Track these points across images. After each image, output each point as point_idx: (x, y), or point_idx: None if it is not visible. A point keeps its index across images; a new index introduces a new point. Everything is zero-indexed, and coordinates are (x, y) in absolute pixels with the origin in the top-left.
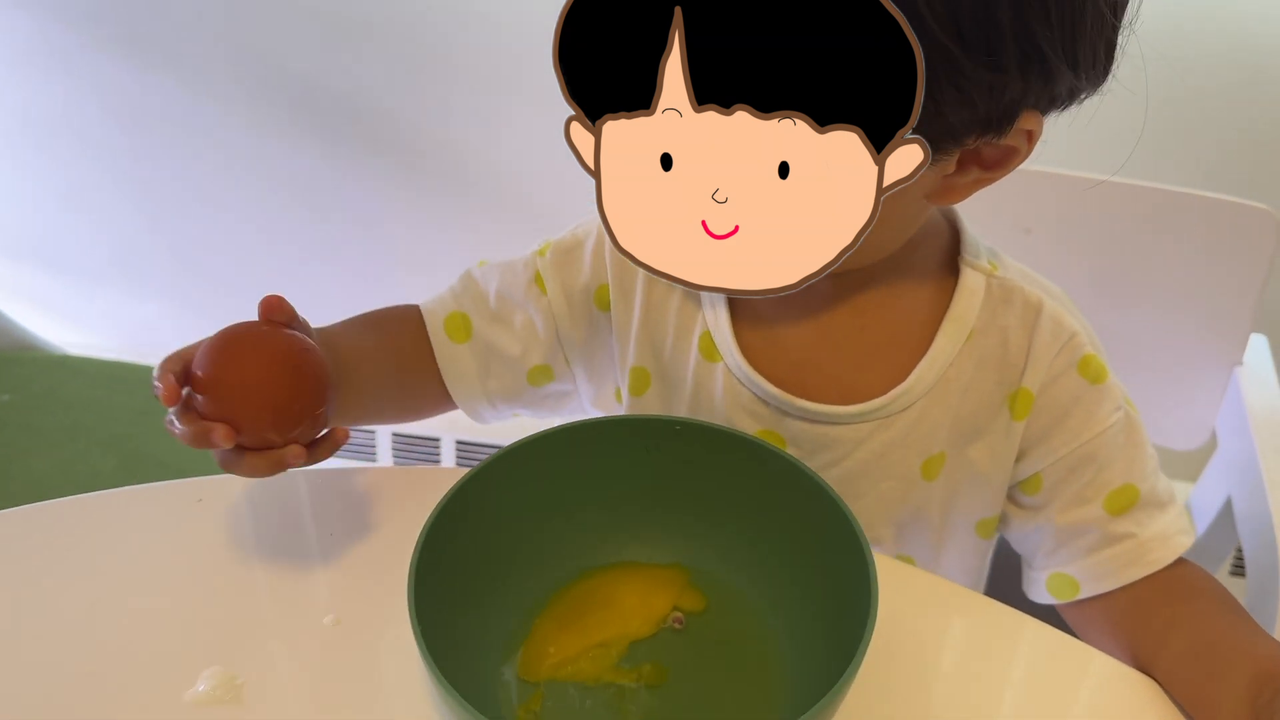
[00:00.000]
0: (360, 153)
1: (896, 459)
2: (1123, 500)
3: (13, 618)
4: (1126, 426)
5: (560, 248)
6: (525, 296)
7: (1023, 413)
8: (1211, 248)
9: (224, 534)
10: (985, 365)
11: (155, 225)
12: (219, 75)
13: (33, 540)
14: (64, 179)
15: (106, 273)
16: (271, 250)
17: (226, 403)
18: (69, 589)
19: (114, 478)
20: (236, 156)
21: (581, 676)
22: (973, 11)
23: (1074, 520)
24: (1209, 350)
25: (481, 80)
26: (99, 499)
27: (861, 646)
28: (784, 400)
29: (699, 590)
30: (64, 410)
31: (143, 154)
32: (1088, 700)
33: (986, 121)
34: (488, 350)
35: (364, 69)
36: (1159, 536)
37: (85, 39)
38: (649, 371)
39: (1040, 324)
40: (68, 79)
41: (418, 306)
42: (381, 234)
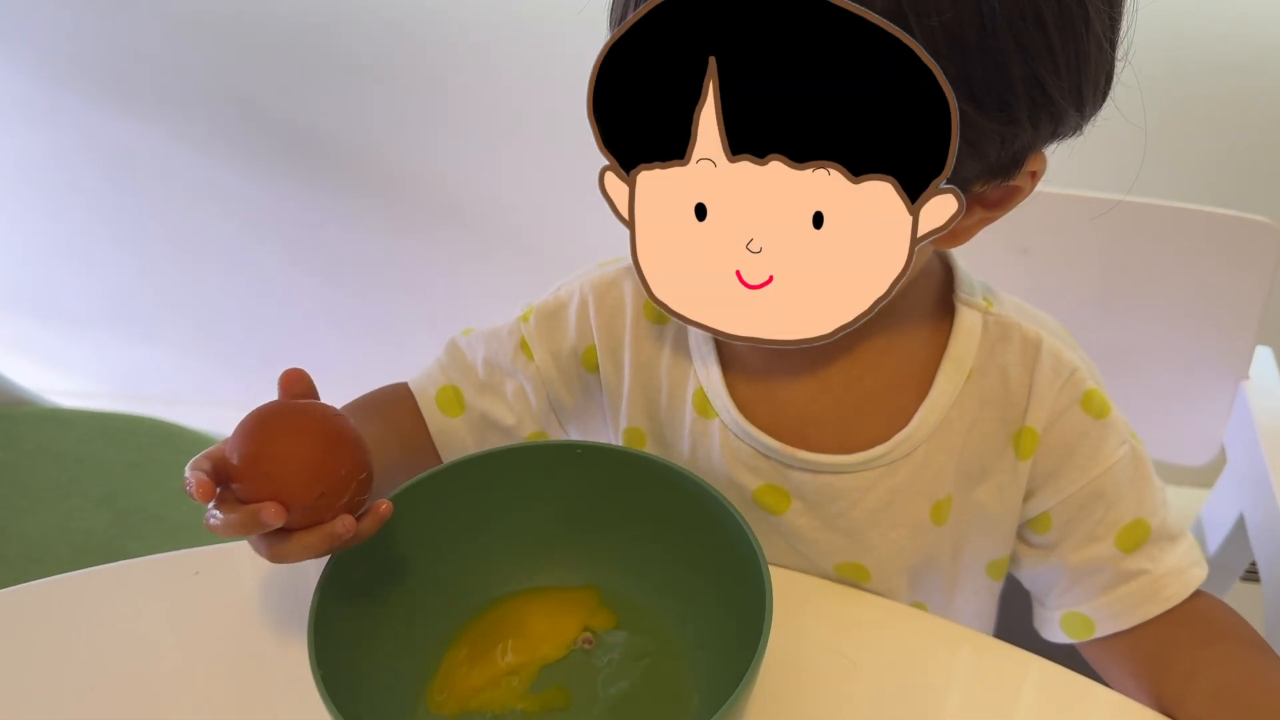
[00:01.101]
0: (346, 194)
1: (904, 505)
2: (1134, 536)
3: (10, 701)
4: (1133, 460)
5: (543, 312)
6: (513, 365)
7: (1028, 452)
8: (1213, 262)
9: (224, 607)
10: (987, 405)
11: (142, 270)
12: (204, 121)
13: (27, 620)
14: (50, 226)
15: (94, 319)
16: (260, 294)
17: (272, 480)
18: (67, 668)
19: (108, 534)
20: (223, 201)
21: (492, 706)
22: (984, 69)
23: (1086, 559)
24: (1214, 365)
25: (468, 118)
26: (94, 575)
27: (759, 651)
28: (784, 453)
29: (609, 609)
30: (57, 466)
31: (128, 200)
32: None
33: (995, 169)
34: (483, 421)
35: (348, 110)
36: (1173, 572)
37: (72, 88)
38: (644, 432)
39: (1040, 360)
40: (54, 128)
41: (407, 384)
42: (370, 275)
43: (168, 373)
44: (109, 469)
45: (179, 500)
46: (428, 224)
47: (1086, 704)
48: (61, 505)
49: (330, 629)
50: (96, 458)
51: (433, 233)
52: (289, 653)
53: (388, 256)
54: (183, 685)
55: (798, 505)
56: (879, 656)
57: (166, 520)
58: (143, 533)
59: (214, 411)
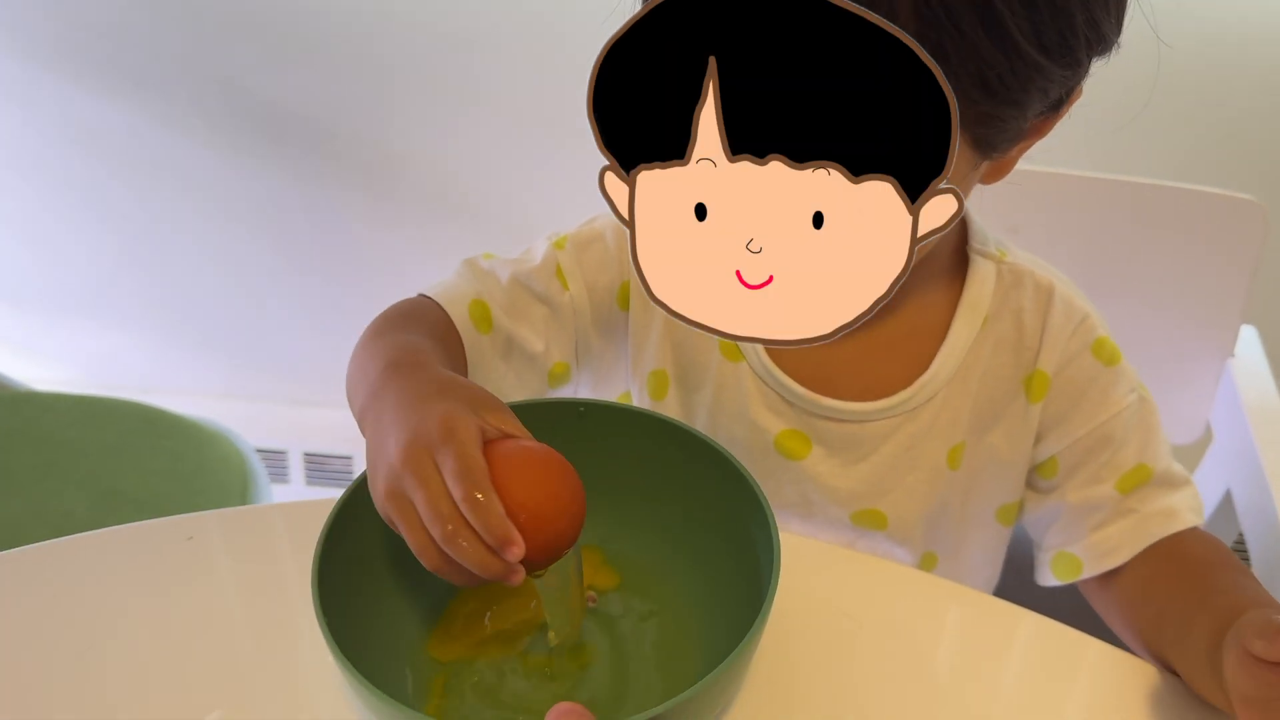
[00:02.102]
0: (327, 180)
1: (923, 450)
2: (1134, 479)
3: (4, 667)
4: (1141, 409)
5: (579, 240)
6: (546, 290)
7: (1039, 395)
8: (1200, 241)
9: (218, 571)
10: (1001, 349)
11: (116, 256)
12: (180, 104)
13: (20, 586)
14: (22, 209)
15: (67, 305)
16: (238, 281)
17: (542, 531)
18: (61, 634)
19: (87, 517)
20: (201, 185)
21: (491, 656)
22: (1053, 20)
23: (1085, 499)
24: (1201, 343)
25: (453, 102)
26: (87, 540)
27: (764, 609)
28: (809, 400)
29: (612, 568)
30: (34, 449)
31: (103, 183)
32: (1086, 690)
33: (1055, 104)
34: (508, 345)
35: (330, 94)
36: (1162, 512)
37: (46, 70)
38: (669, 375)
39: (1053, 305)
40: (20, 107)
41: (426, 296)
42: (348, 259)
43: (142, 361)
44: (87, 452)
45: (159, 483)
46: (410, 211)
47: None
48: (38, 487)
49: (333, 578)
50: (75, 441)
51: (415, 219)
52: (286, 616)
53: (368, 243)
54: (178, 647)
55: (819, 451)
56: (884, 617)
57: (146, 504)
58: (122, 515)
59: (189, 400)
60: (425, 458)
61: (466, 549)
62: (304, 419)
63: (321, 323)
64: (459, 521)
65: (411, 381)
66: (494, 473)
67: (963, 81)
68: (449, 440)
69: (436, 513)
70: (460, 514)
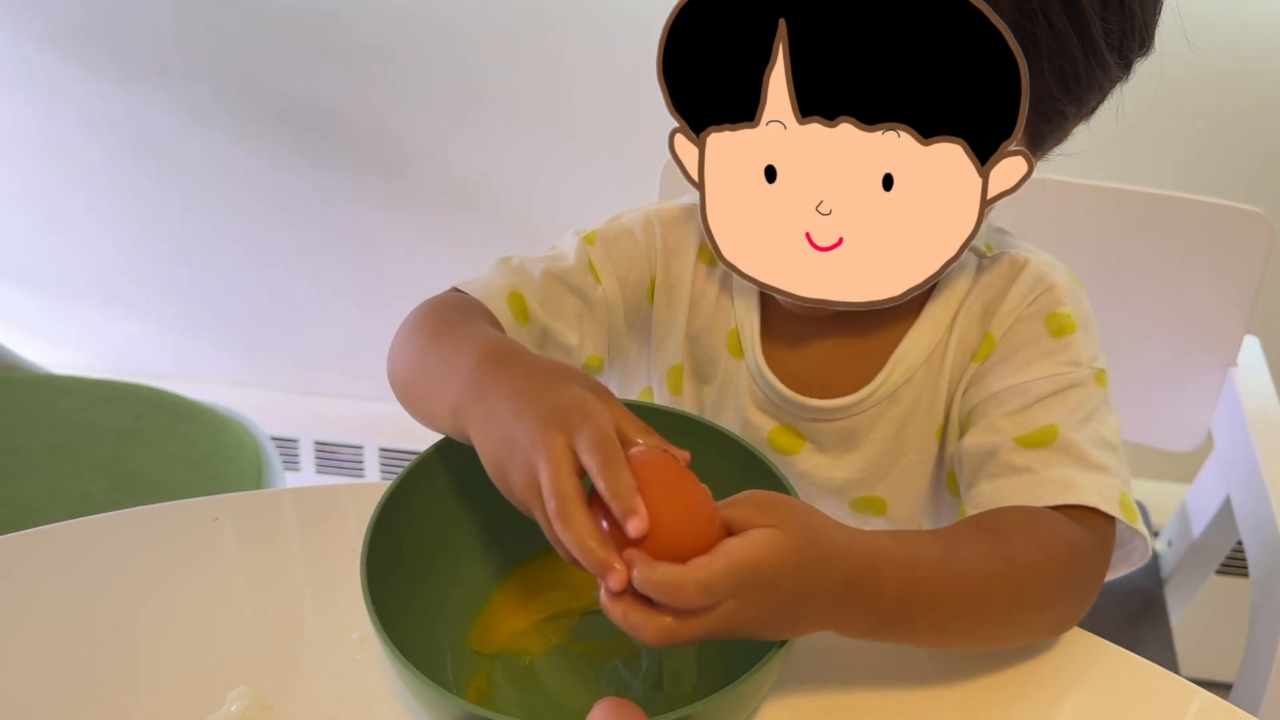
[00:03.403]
0: (342, 168)
1: (911, 434)
2: (1038, 438)
3: (33, 643)
4: (1081, 388)
5: (607, 236)
6: (580, 284)
7: (982, 355)
8: (1205, 251)
9: (243, 552)
10: (970, 322)
11: (135, 243)
12: (200, 92)
13: (48, 563)
14: (42, 197)
15: (86, 291)
16: (256, 271)
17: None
18: (88, 611)
19: (104, 499)
20: (217, 174)
21: (532, 649)
22: (1120, 21)
23: (980, 444)
24: (1204, 353)
25: (473, 98)
26: (113, 519)
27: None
28: (794, 401)
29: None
30: (51, 432)
31: (122, 171)
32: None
33: (1089, 111)
34: (544, 337)
35: (346, 85)
36: (1061, 481)
37: (66, 57)
38: (685, 369)
39: (1020, 277)
40: (45, 96)
41: (460, 290)
42: (366, 247)
43: (158, 347)
44: (104, 435)
45: (174, 467)
46: (429, 204)
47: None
48: (55, 470)
49: (379, 567)
50: (92, 424)
51: (433, 213)
52: (308, 595)
53: (386, 235)
54: (201, 627)
55: (810, 446)
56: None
57: (163, 487)
58: (139, 499)
59: (203, 387)
60: (560, 440)
61: (575, 527)
62: (316, 408)
63: (335, 314)
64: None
65: (519, 367)
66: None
67: (1046, 76)
68: (586, 421)
69: (556, 488)
70: (576, 496)
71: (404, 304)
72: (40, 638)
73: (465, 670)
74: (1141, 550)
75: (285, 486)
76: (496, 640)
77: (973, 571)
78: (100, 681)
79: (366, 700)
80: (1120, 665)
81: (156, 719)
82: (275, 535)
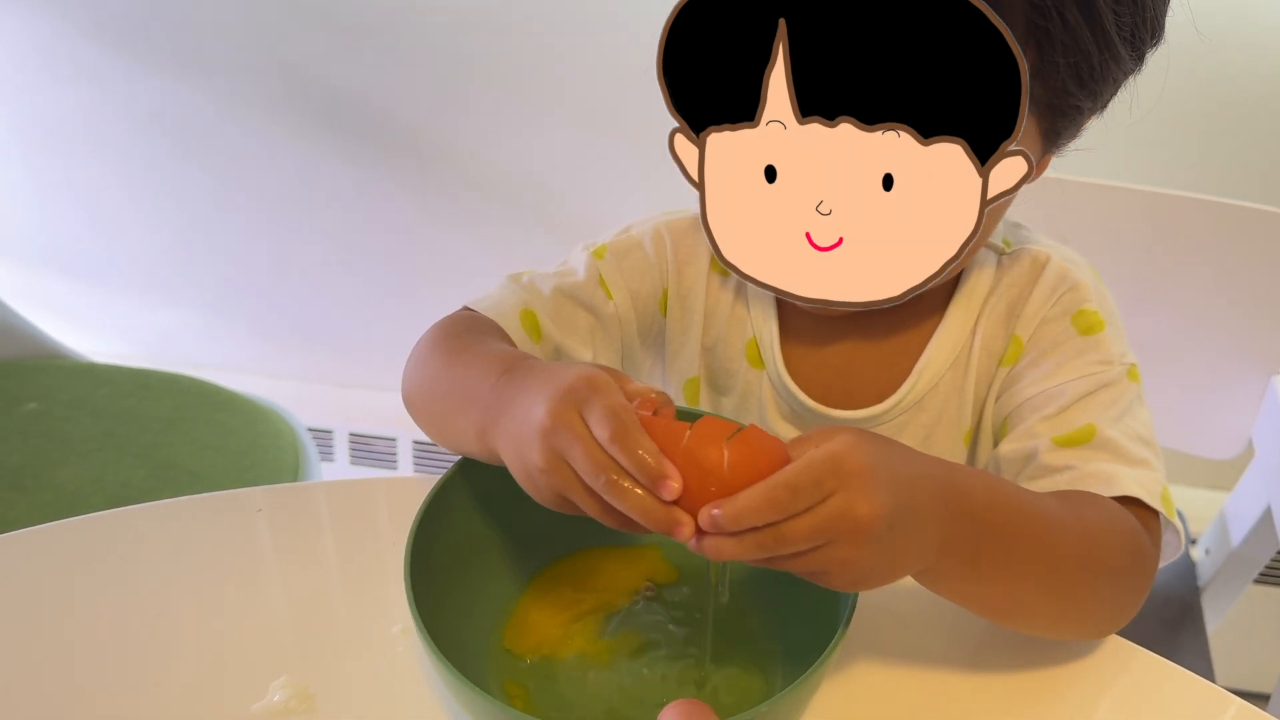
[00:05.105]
0: (380, 161)
1: (939, 440)
2: (1077, 438)
3: (78, 631)
4: (1114, 386)
5: (617, 250)
6: (591, 300)
7: (1011, 360)
8: (1248, 257)
9: (286, 544)
10: (994, 324)
11: (177, 235)
12: (241, 83)
13: (93, 552)
14: (84, 187)
15: (128, 281)
16: (290, 258)
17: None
18: (132, 601)
19: (144, 487)
20: (257, 164)
21: (566, 649)
22: (1132, 13)
23: (1017, 450)
24: (1246, 359)
25: (507, 93)
26: (158, 509)
27: (846, 613)
28: (818, 413)
29: (670, 564)
30: (92, 419)
31: (163, 161)
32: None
33: (1104, 105)
34: (557, 354)
35: (385, 77)
36: (1100, 474)
37: (107, 47)
38: (701, 380)
39: (1044, 275)
40: (89, 87)
41: (471, 310)
42: (402, 241)
43: (198, 337)
44: (145, 424)
45: (213, 456)
46: (461, 197)
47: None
48: (96, 457)
49: (419, 567)
50: (133, 412)
51: (466, 206)
52: (350, 588)
53: (420, 227)
54: (244, 616)
55: None
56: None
57: (202, 476)
58: (179, 488)
59: (240, 378)
60: (573, 414)
61: (629, 493)
62: (351, 400)
63: (372, 307)
64: (618, 469)
65: (537, 373)
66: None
67: (1061, 71)
68: (593, 392)
69: (595, 464)
70: (616, 462)
71: (439, 297)
72: (87, 626)
73: (500, 669)
74: (1174, 545)
75: (321, 478)
76: (529, 641)
77: (1049, 512)
78: (145, 670)
79: (406, 692)
80: (1155, 672)
81: (201, 708)
82: (313, 527)
